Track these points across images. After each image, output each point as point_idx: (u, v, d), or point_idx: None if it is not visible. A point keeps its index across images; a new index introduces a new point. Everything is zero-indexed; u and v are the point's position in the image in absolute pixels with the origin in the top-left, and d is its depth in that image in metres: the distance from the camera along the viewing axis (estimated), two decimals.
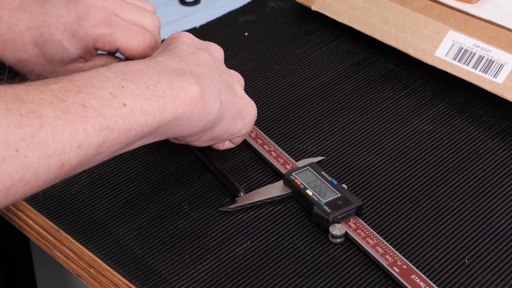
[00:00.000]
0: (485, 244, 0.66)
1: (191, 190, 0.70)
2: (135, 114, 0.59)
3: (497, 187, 0.71)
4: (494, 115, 0.78)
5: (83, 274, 0.66)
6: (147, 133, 0.61)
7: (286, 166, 0.71)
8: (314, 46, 0.87)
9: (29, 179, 0.53)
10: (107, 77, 0.59)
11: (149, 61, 0.63)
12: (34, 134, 0.53)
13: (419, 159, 0.74)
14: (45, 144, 0.54)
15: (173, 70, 0.63)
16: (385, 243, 0.64)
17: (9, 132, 0.52)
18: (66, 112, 0.55)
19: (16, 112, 0.53)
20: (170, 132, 0.63)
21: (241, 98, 0.69)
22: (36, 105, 0.54)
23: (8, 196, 0.53)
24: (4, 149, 0.51)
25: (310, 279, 0.63)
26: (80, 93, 0.57)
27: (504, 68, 0.77)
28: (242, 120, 0.69)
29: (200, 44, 0.69)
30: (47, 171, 0.54)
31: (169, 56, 0.65)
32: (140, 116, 0.59)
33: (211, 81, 0.65)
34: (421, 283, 0.61)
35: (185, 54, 0.66)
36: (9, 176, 0.52)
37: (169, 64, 0.64)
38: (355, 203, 0.67)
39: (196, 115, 0.63)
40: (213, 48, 0.70)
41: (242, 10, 0.91)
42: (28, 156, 0.53)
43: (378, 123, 0.77)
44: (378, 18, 0.84)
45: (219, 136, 0.68)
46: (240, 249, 0.65)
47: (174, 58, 0.65)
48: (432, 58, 0.80)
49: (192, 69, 0.65)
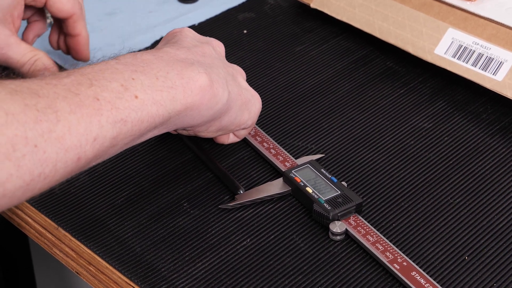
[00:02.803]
0: (484, 241, 0.66)
1: (191, 188, 0.70)
2: (147, 106, 0.59)
3: (497, 184, 0.71)
4: (493, 113, 0.78)
5: (83, 272, 0.66)
6: (159, 123, 0.61)
7: (285, 163, 0.71)
8: (313, 43, 0.87)
9: (47, 173, 0.53)
10: (117, 69, 0.59)
11: (156, 51, 0.64)
12: (51, 129, 0.53)
13: (418, 157, 0.73)
14: (62, 139, 0.54)
15: (181, 60, 0.64)
16: (385, 240, 0.64)
17: (27, 128, 0.52)
18: (81, 106, 0.55)
19: (33, 108, 0.53)
20: (179, 123, 0.63)
21: (246, 89, 0.69)
22: (51, 99, 0.54)
23: (27, 191, 0.53)
24: (23, 145, 0.52)
25: (310, 276, 0.63)
26: (92, 86, 0.57)
27: (503, 66, 0.77)
28: (248, 111, 0.69)
29: (202, 38, 0.70)
30: (64, 165, 0.54)
31: (176, 47, 0.66)
32: (152, 107, 0.60)
33: (218, 71, 0.66)
34: (421, 280, 0.61)
35: (191, 46, 0.67)
36: (29, 172, 0.52)
37: (176, 54, 0.64)
38: (355, 201, 0.67)
39: (205, 104, 0.63)
40: (214, 42, 0.70)
41: (241, 7, 0.91)
42: (47, 152, 0.53)
43: (378, 120, 0.77)
44: (377, 15, 0.84)
45: (226, 126, 0.68)
46: (240, 247, 0.65)
47: (181, 49, 0.65)
48: (432, 56, 0.80)
49: (199, 59, 0.65)
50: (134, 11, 0.91)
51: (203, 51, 0.67)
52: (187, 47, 0.66)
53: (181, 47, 0.66)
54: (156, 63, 0.62)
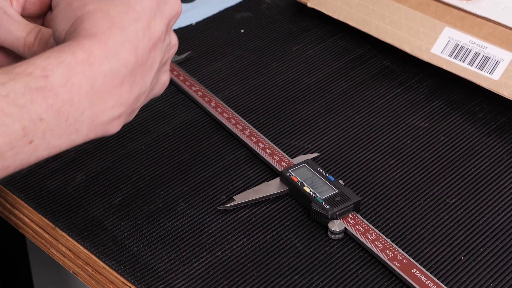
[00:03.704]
0: (481, 240, 0.66)
1: (187, 188, 0.70)
2: (39, 151, 0.52)
3: (493, 183, 0.71)
4: (490, 112, 0.78)
5: (80, 272, 0.66)
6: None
7: (281, 163, 0.71)
8: (310, 43, 0.87)
9: None
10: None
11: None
12: None
13: (415, 156, 0.74)
14: None
15: (105, 121, 0.55)
16: (385, 238, 0.64)
17: None
18: None
19: None
20: None
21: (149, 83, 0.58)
22: None
23: None
24: None
25: (307, 276, 0.63)
26: None
27: (500, 65, 0.77)
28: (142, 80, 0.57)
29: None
30: None
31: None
32: (43, 152, 0.53)
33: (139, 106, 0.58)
34: (422, 277, 0.61)
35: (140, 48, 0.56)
36: None
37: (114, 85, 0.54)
38: (353, 199, 0.67)
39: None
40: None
41: (238, 7, 0.91)
42: None
43: (374, 119, 0.77)
44: (374, 15, 0.84)
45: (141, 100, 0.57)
46: (236, 247, 0.65)
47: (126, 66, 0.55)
48: (428, 55, 0.80)
49: (134, 105, 0.56)
50: None
51: (151, 67, 0.57)
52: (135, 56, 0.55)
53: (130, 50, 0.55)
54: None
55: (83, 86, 0.53)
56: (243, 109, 0.78)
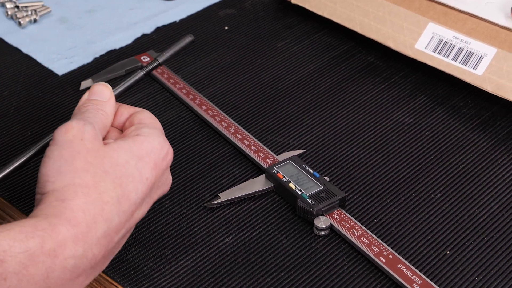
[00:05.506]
0: (466, 235, 0.66)
1: (172, 185, 0.70)
2: None
3: (478, 178, 0.71)
4: (474, 107, 0.79)
5: None
6: None
7: (267, 160, 0.71)
8: (294, 39, 0.87)
9: None
10: None
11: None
12: None
13: (400, 151, 0.74)
14: None
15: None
16: (370, 234, 0.64)
17: None
18: None
19: None
20: None
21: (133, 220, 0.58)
22: None
23: None
24: None
25: (293, 272, 0.63)
26: None
27: (483, 60, 0.77)
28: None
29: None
30: None
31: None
32: None
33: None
34: (407, 272, 0.62)
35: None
36: None
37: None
38: (339, 195, 0.67)
39: None
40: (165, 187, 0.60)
41: (222, 4, 0.91)
42: None
43: (359, 115, 0.78)
44: (358, 11, 0.84)
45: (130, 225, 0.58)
46: (222, 244, 0.65)
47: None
48: (412, 51, 0.81)
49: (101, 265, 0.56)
50: (114, 8, 0.90)
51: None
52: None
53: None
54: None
55: (36, 277, 0.50)
56: (228, 106, 0.78)
